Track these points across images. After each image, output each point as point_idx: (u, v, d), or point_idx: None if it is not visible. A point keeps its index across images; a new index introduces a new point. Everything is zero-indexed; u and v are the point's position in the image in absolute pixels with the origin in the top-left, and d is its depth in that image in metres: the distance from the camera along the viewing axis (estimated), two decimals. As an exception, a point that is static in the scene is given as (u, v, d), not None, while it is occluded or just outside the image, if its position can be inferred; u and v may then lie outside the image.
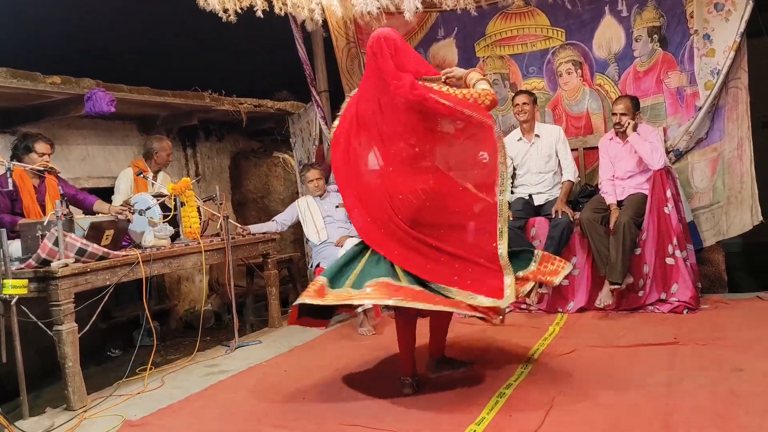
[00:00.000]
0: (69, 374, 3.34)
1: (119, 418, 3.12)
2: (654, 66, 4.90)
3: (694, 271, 4.31)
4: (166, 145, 4.95)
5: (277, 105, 6.54)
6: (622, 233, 4.20)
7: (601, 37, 5.06)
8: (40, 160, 4.02)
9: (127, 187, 4.77)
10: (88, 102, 4.46)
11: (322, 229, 4.99)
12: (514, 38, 5.36)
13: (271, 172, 7.01)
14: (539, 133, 4.84)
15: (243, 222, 6.03)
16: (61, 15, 5.79)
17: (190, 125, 6.03)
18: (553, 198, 4.75)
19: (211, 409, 3.17)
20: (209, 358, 4.25)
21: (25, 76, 4.20)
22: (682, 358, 3.23)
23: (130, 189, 4.76)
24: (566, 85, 5.23)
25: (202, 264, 4.28)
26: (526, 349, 3.60)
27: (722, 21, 4.53)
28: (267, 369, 3.83)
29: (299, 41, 5.48)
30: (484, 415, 2.69)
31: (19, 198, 4.00)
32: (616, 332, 3.86)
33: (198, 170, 6.53)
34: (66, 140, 5.10)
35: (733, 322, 3.86)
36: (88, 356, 4.40)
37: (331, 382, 3.38)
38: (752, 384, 2.78)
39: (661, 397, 2.72)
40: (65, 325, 3.31)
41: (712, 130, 4.69)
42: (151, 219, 4.19)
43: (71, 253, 3.40)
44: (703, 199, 4.75)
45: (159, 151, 4.89)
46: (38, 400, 3.67)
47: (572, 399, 2.80)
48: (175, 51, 6.43)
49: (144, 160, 4.91)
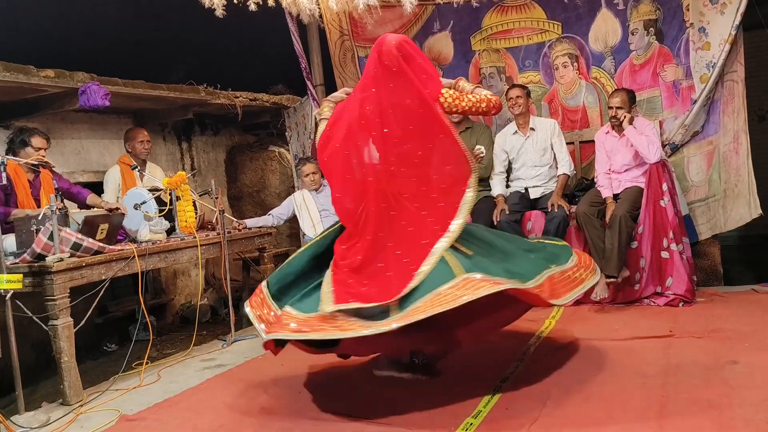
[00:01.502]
0: (65, 369, 3.34)
1: (115, 413, 3.13)
2: (650, 59, 4.89)
3: (689, 264, 4.32)
4: (137, 134, 4.93)
5: (272, 99, 6.52)
6: (618, 227, 4.20)
7: (597, 31, 5.05)
8: (36, 154, 4.00)
9: (115, 185, 4.76)
10: (82, 96, 4.44)
11: (318, 223, 4.98)
12: (510, 31, 5.34)
13: (267, 166, 7.00)
14: (534, 127, 4.84)
15: (239, 216, 6.03)
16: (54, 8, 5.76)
17: (185, 119, 6.01)
18: (549, 191, 4.75)
19: (208, 404, 3.17)
20: (205, 352, 4.25)
21: (19, 69, 4.17)
22: (677, 351, 3.24)
23: (118, 186, 4.75)
24: (562, 78, 5.23)
25: (198, 258, 4.27)
26: (522, 342, 3.61)
27: (718, 14, 4.52)
28: (263, 363, 3.83)
29: (295, 35, 5.46)
30: (481, 408, 2.69)
31: (13, 192, 3.98)
32: (612, 325, 3.87)
33: (194, 164, 6.51)
34: (60, 134, 5.08)
35: (729, 314, 3.87)
36: (84, 351, 4.41)
37: (327, 376, 3.38)
38: (747, 376, 2.79)
39: (657, 390, 2.73)
40: (61, 319, 3.31)
41: (708, 124, 4.69)
42: (147, 213, 4.18)
43: (66, 247, 3.39)
44: (699, 192, 4.75)
45: (131, 141, 4.88)
46: (34, 395, 3.67)
47: (568, 392, 2.81)
48: (170, 44, 6.40)
49: (128, 155, 4.91)
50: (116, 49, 6.05)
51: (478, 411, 2.67)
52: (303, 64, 5.59)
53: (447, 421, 2.61)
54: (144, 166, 4.90)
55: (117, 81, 4.89)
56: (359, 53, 5.62)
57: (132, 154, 4.88)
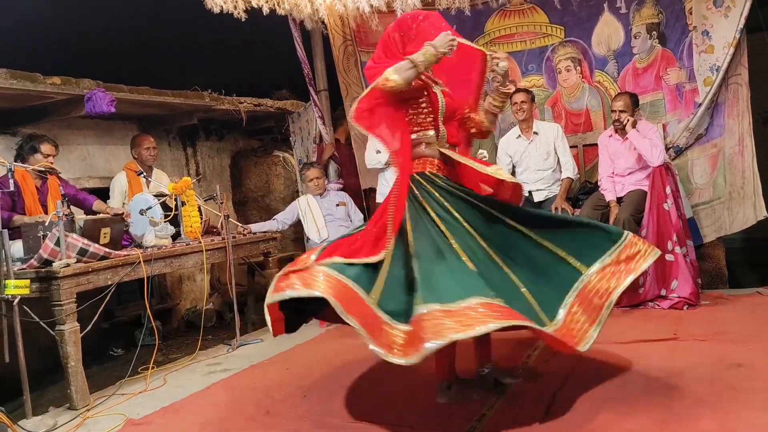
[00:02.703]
0: (71, 374, 3.36)
1: (122, 417, 3.14)
2: (653, 62, 4.90)
3: (693, 267, 4.31)
4: (143, 140, 4.95)
5: (276, 104, 6.55)
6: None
7: (600, 34, 5.06)
8: (45, 161, 4.05)
9: (122, 191, 4.80)
10: (88, 102, 4.47)
11: (322, 228, 5.01)
12: (512, 35, 5.36)
13: (271, 171, 7.02)
14: (537, 131, 4.85)
15: (244, 221, 6.05)
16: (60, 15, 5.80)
17: (190, 125, 6.04)
18: (553, 195, 4.76)
19: (214, 408, 3.19)
20: (211, 356, 4.27)
21: (25, 77, 4.21)
22: (682, 354, 3.24)
23: (124, 193, 4.78)
24: (565, 82, 5.24)
25: (203, 263, 4.29)
26: (526, 345, 3.61)
27: (721, 17, 4.53)
28: (269, 367, 3.84)
29: (298, 41, 5.49)
30: (485, 412, 2.70)
31: (21, 198, 4.02)
32: (616, 329, 3.86)
33: (198, 169, 6.54)
34: (66, 140, 5.11)
35: (733, 317, 3.86)
36: (91, 356, 4.42)
37: (332, 380, 3.39)
38: (752, 379, 2.78)
39: (661, 393, 2.73)
40: (67, 324, 3.33)
41: (712, 127, 4.69)
42: (152, 218, 4.20)
43: (73, 253, 3.41)
44: (703, 195, 4.75)
45: (138, 148, 4.91)
46: (41, 400, 3.69)
47: (572, 394, 2.81)
48: (175, 51, 6.44)
49: (134, 161, 4.94)
50: (121, 56, 6.08)
51: (482, 414, 2.68)
52: (306, 69, 5.61)
53: (451, 424, 2.61)
54: (150, 173, 4.93)
55: (122, 87, 4.93)
56: (362, 58, 5.65)
57: (138, 160, 4.91)
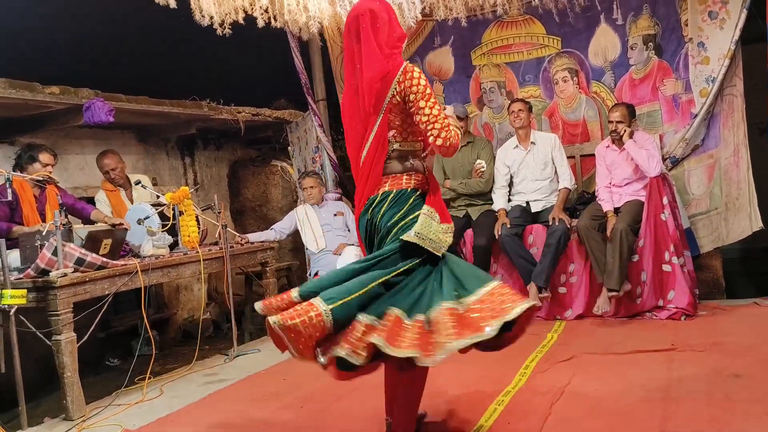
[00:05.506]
0: (68, 384, 3.34)
1: (118, 428, 3.13)
2: (649, 74, 4.92)
3: (691, 277, 4.32)
4: (102, 163, 4.76)
5: (275, 113, 6.56)
6: (619, 240, 4.21)
7: (596, 45, 5.09)
8: (44, 170, 4.05)
9: (107, 210, 4.70)
10: (86, 112, 4.48)
11: (320, 238, 5.01)
12: (510, 46, 5.39)
13: (269, 181, 7.03)
14: (535, 141, 4.87)
15: (241, 230, 6.05)
16: (59, 25, 5.81)
17: (188, 134, 6.05)
18: (550, 205, 4.77)
19: (210, 418, 3.17)
20: (208, 367, 4.25)
21: (24, 86, 4.21)
22: (679, 365, 3.24)
23: (110, 212, 4.69)
24: (562, 92, 5.26)
25: (200, 273, 4.29)
26: (525, 356, 3.60)
27: (717, 29, 4.56)
28: (266, 378, 3.83)
29: (295, 51, 5.51)
30: (482, 423, 2.69)
31: (19, 207, 4.02)
32: (613, 339, 3.87)
33: (196, 179, 6.55)
34: (64, 150, 5.11)
35: (731, 328, 3.87)
36: (87, 366, 4.40)
37: (330, 391, 3.38)
38: (749, 390, 2.78)
39: (659, 403, 2.73)
40: (64, 334, 3.32)
41: (708, 137, 4.71)
42: (150, 228, 4.20)
43: (70, 262, 3.41)
44: (700, 205, 4.77)
45: (101, 170, 4.79)
46: (37, 410, 3.67)
47: (570, 406, 2.81)
48: (173, 61, 6.46)
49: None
50: (120, 65, 6.11)
51: (479, 426, 2.67)
52: (303, 79, 5.63)
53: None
54: (128, 186, 4.83)
55: (121, 97, 4.94)
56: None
57: (107, 179, 4.83)
